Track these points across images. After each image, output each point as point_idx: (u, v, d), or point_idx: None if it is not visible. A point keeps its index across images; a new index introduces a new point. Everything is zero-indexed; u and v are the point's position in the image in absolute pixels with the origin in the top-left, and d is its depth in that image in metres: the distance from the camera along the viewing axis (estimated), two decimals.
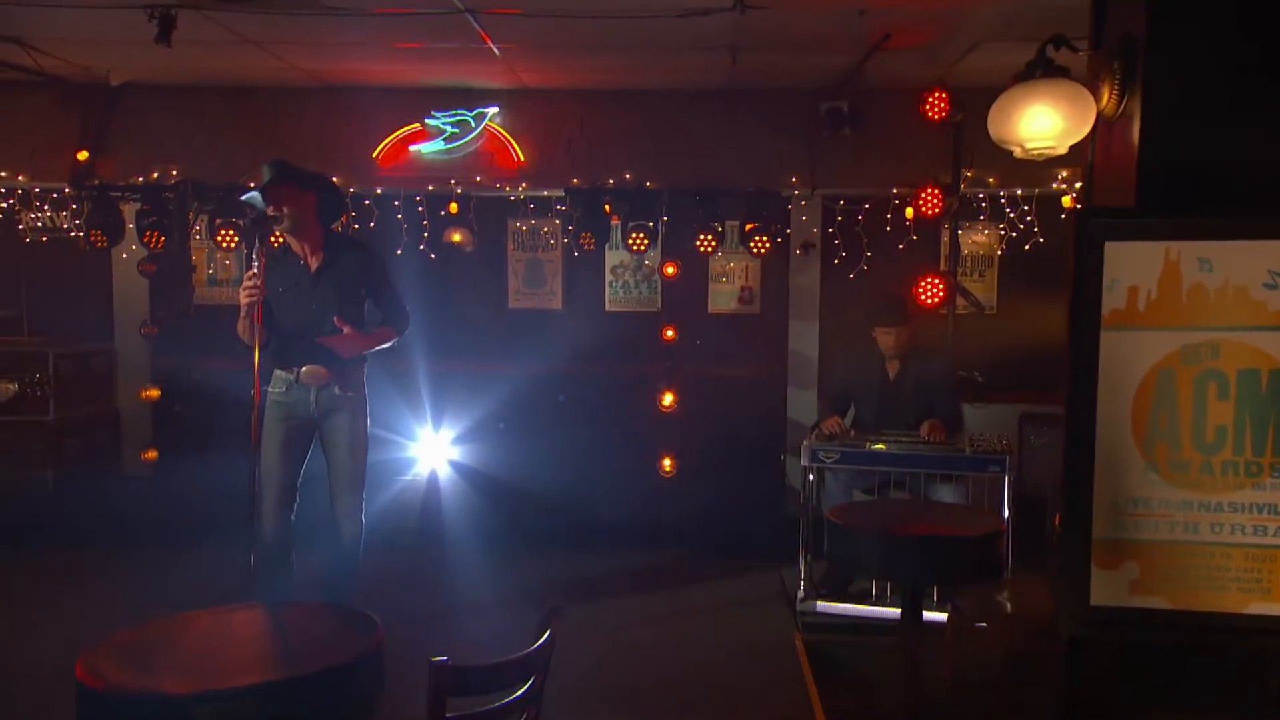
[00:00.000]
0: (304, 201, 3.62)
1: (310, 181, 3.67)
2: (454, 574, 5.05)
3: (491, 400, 6.05)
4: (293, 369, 3.69)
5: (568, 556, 5.35)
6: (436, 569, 5.10)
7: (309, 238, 3.69)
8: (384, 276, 3.88)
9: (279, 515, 3.68)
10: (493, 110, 6.05)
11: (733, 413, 6.31)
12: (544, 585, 4.93)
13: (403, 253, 6.02)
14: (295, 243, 3.69)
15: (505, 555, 5.32)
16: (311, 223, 3.67)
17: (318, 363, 3.67)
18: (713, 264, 6.34)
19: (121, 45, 5.13)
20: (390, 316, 3.88)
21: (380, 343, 3.83)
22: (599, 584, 5.01)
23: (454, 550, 5.33)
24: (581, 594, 4.82)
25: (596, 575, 5.12)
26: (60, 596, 4.66)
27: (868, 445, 4.33)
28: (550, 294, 6.43)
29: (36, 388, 4.89)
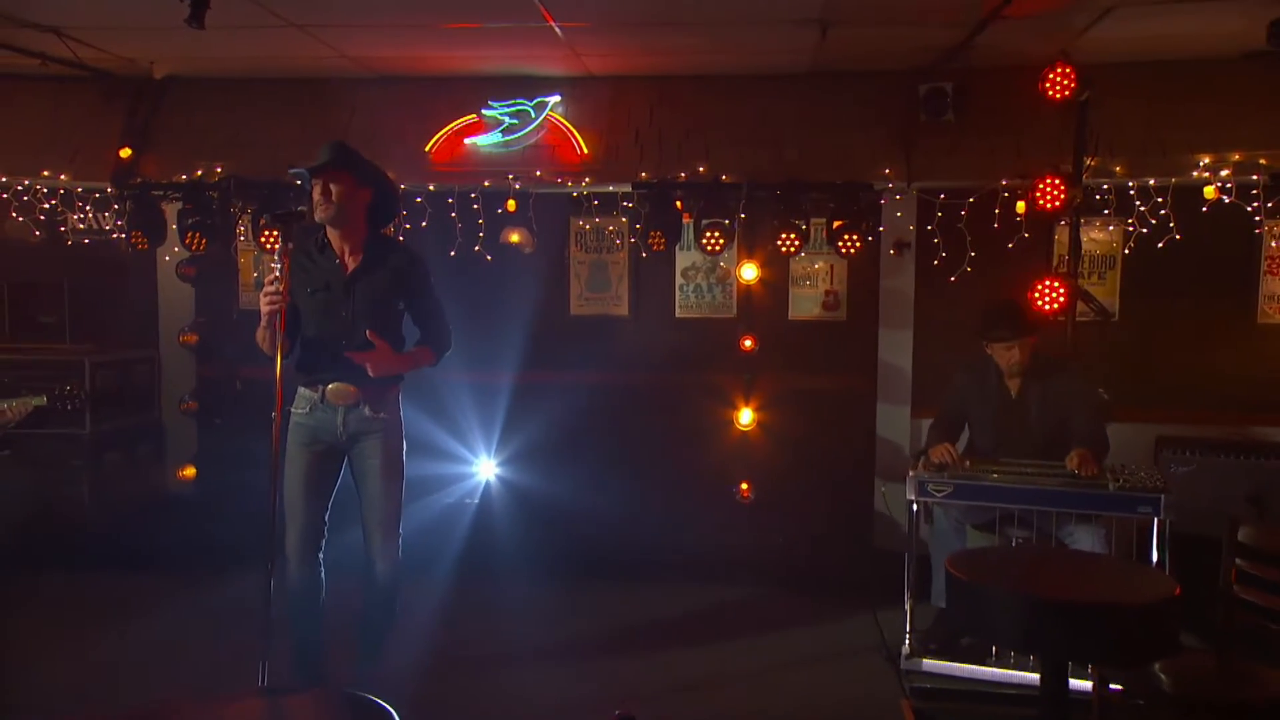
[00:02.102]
0: (358, 195, 3.17)
1: (370, 176, 3.22)
2: (504, 610, 4.58)
3: (550, 413, 5.55)
4: (317, 386, 3.23)
5: (632, 591, 4.83)
6: (485, 603, 4.63)
7: (352, 236, 3.23)
8: (427, 287, 3.41)
9: (304, 558, 3.23)
10: (554, 99, 5.56)
11: (815, 430, 5.71)
12: (604, 627, 4.41)
13: (457, 254, 5.56)
14: (335, 238, 3.23)
15: (561, 587, 4.83)
16: (359, 221, 3.22)
17: (346, 379, 3.20)
18: (794, 265, 5.75)
19: (159, 32, 4.78)
20: (430, 335, 3.41)
21: (416, 365, 3.36)
22: (666, 625, 4.47)
23: (505, 581, 4.86)
24: (646, 637, 4.30)
25: (663, 615, 4.58)
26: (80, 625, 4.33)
27: (988, 477, 3.69)
28: (615, 299, 5.91)
29: (67, 400, 4.53)
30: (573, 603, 4.68)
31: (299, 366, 3.25)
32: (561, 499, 5.30)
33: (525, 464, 5.56)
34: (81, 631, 4.27)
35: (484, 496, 5.38)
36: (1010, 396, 4.13)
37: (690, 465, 5.64)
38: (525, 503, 5.34)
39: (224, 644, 3.87)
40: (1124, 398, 4.91)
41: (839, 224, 5.15)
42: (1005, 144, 5.08)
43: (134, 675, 3.82)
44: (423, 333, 3.41)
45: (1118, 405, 4.77)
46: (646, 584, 4.89)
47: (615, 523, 5.14)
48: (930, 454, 3.90)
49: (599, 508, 5.21)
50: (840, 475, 5.63)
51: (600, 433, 5.64)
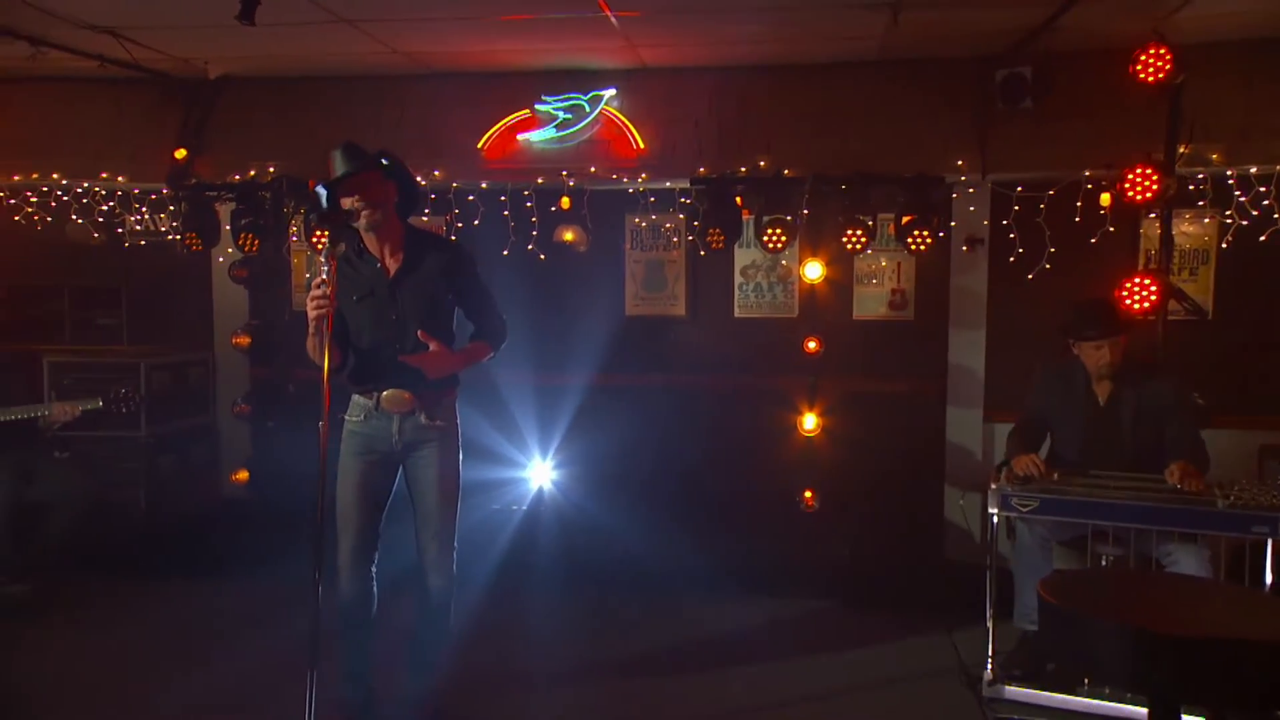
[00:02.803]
0: (385, 192, 3.04)
1: (392, 169, 3.07)
2: (559, 622, 4.41)
3: (604, 417, 5.38)
4: (371, 393, 3.10)
5: (690, 603, 4.63)
6: (540, 614, 4.48)
7: (389, 236, 3.09)
8: (475, 279, 3.25)
9: (356, 569, 3.10)
10: (609, 92, 5.39)
11: (882, 435, 5.45)
12: (658, 641, 4.22)
13: (510, 253, 5.43)
14: (373, 242, 3.10)
15: (613, 598, 4.65)
16: (392, 218, 3.08)
17: (400, 385, 3.06)
18: (859, 263, 5.49)
19: (212, 31, 4.73)
20: (484, 328, 3.25)
21: (473, 360, 3.21)
22: (724, 641, 4.26)
23: (555, 591, 4.70)
24: (702, 653, 4.10)
25: (721, 630, 4.37)
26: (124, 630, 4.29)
27: (1079, 491, 3.42)
28: (672, 299, 5.72)
29: (121, 403, 4.51)
30: (625, 615, 4.50)
31: (353, 377, 3.12)
32: (615, 506, 5.12)
33: (578, 469, 5.40)
34: (125, 636, 4.22)
35: (535, 503, 5.23)
36: (1099, 402, 3.84)
37: (751, 472, 5.42)
38: (578, 510, 5.19)
39: (272, 652, 3.78)
40: (1221, 403, 4.57)
41: (908, 219, 4.89)
42: (1089, 132, 4.75)
43: (178, 682, 3.76)
44: (476, 326, 3.26)
45: (1214, 411, 4.44)
46: (703, 596, 4.69)
47: (671, 532, 4.95)
48: (1014, 465, 3.63)
49: (654, 516, 5.03)
50: (909, 483, 5.36)
51: (656, 438, 5.45)
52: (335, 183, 2.96)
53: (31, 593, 4.39)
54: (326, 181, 2.97)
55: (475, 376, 3.50)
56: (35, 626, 4.27)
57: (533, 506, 5.23)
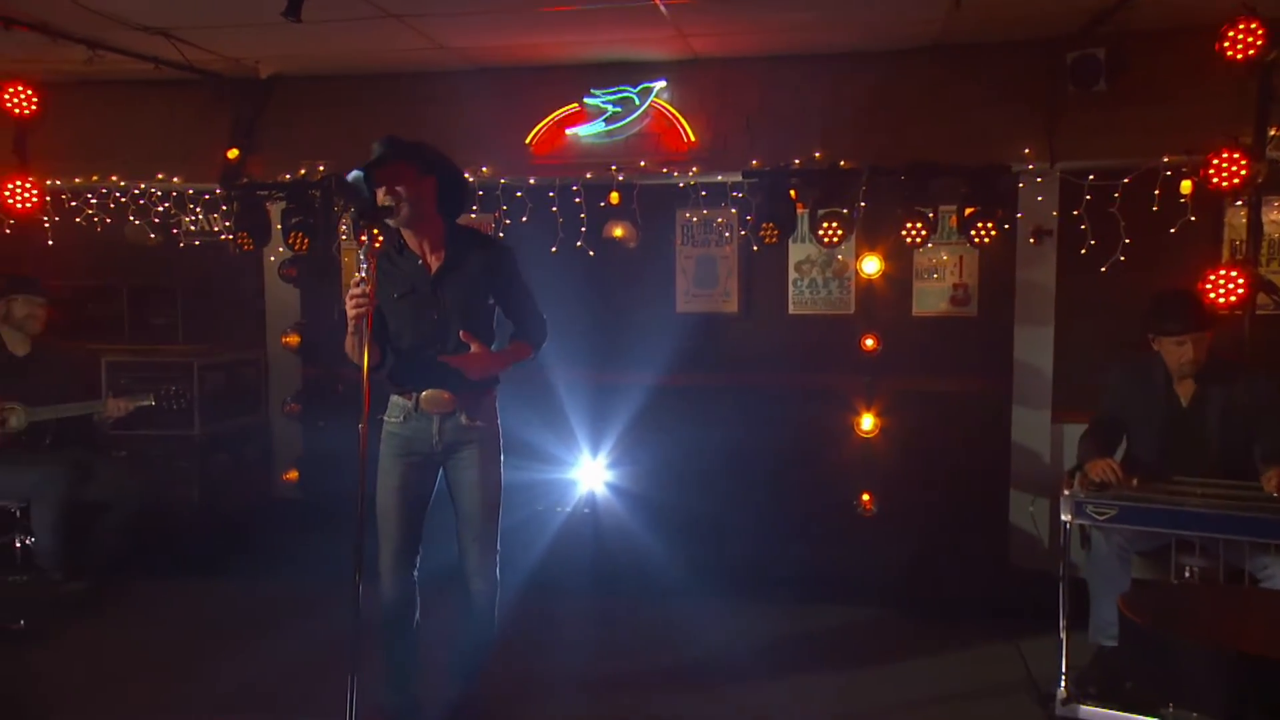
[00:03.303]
0: (424, 187, 2.96)
1: (433, 164, 2.99)
2: (607, 626, 4.30)
3: (654, 417, 5.26)
4: (410, 394, 3.03)
5: (743, 609, 4.49)
6: (587, 620, 4.38)
7: (429, 232, 3.01)
8: (517, 278, 3.16)
9: (398, 573, 3.04)
10: (659, 84, 5.26)
11: (944, 436, 5.23)
12: (709, 648, 4.09)
13: (558, 250, 5.34)
14: (413, 238, 3.02)
15: (667, 603, 4.53)
16: (432, 214, 3.00)
17: (440, 386, 2.99)
18: (919, 257, 5.28)
19: (261, 29, 4.73)
20: (525, 328, 3.16)
21: (514, 361, 3.13)
22: (778, 650, 4.10)
23: (608, 593, 4.59)
24: (756, 662, 3.95)
25: (775, 638, 4.22)
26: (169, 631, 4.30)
27: (1163, 499, 3.19)
28: (724, 295, 5.57)
29: (173, 401, 4.53)
30: (675, 620, 4.38)
31: (392, 377, 3.06)
32: (665, 508, 5.01)
33: (627, 470, 5.28)
34: (173, 634, 4.24)
35: (582, 504, 5.13)
36: (1180, 403, 3.60)
37: (806, 474, 5.25)
38: (626, 511, 5.07)
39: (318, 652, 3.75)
40: None
41: (971, 211, 4.67)
42: (1168, 115, 4.48)
43: (224, 680, 3.75)
44: (516, 326, 3.18)
45: None
46: (756, 602, 4.54)
47: (722, 535, 4.82)
48: (1089, 470, 3.41)
49: (704, 519, 4.90)
50: (972, 486, 5.14)
51: (707, 438, 5.30)
52: (367, 168, 2.88)
53: (87, 590, 4.43)
54: (360, 166, 2.91)
55: (523, 374, 3.41)
56: (90, 623, 4.31)
57: (581, 507, 5.13)
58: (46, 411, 4.42)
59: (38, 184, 5.39)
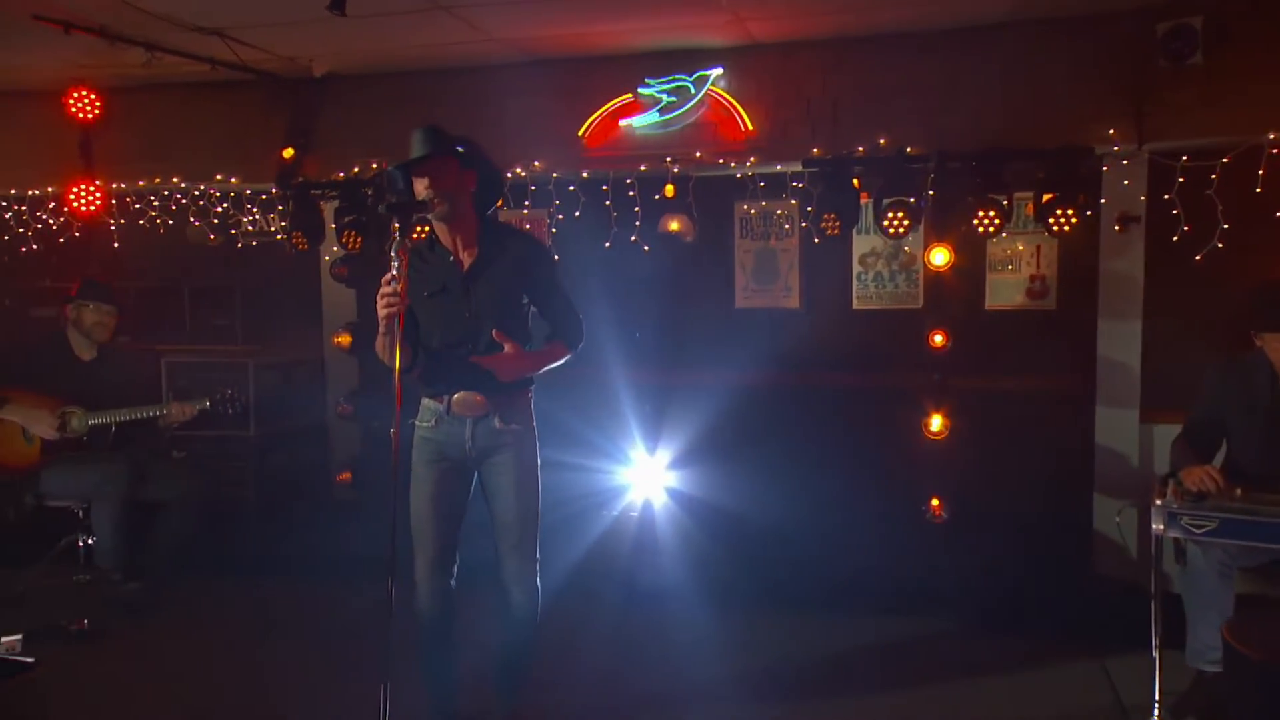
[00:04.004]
0: (463, 182, 2.84)
1: (470, 157, 2.87)
2: (649, 639, 4.14)
3: (712, 417, 5.07)
4: (442, 397, 2.91)
5: (801, 622, 4.28)
6: (643, 631, 4.22)
7: (463, 228, 2.89)
8: (554, 275, 3.03)
9: (435, 583, 2.93)
10: (715, 72, 5.07)
11: (1020, 438, 4.93)
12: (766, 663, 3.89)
13: (612, 245, 5.20)
14: (445, 233, 2.91)
15: (727, 613, 4.35)
16: (468, 209, 2.88)
17: (472, 388, 2.86)
18: (992, 248, 4.98)
19: (311, 26, 4.69)
20: (561, 327, 3.01)
21: (550, 362, 2.98)
22: (841, 664, 3.89)
23: (664, 605, 4.43)
24: (817, 678, 3.75)
25: (838, 652, 4.00)
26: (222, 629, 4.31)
27: (1272, 512, 2.88)
28: (785, 290, 5.35)
29: (226, 403, 4.53)
30: (730, 633, 4.19)
31: (422, 378, 2.95)
32: (723, 513, 4.83)
33: (684, 471, 5.12)
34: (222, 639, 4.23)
35: (636, 506, 4.99)
36: None
37: (872, 478, 5.00)
38: (682, 517, 4.91)
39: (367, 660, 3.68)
40: None
41: (1050, 197, 4.37)
42: (1273, 89, 4.11)
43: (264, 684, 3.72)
44: (552, 326, 3.03)
45: None
46: (819, 614, 4.33)
47: (783, 541, 4.62)
48: (1184, 478, 3.10)
49: (764, 524, 4.70)
50: (1051, 491, 4.83)
51: (767, 439, 5.09)
52: (407, 166, 2.78)
53: (145, 591, 4.45)
54: (399, 163, 2.80)
55: (576, 374, 3.28)
56: (148, 624, 4.33)
57: (635, 510, 4.98)
58: (106, 415, 4.46)
59: (102, 187, 5.48)
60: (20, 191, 6.03)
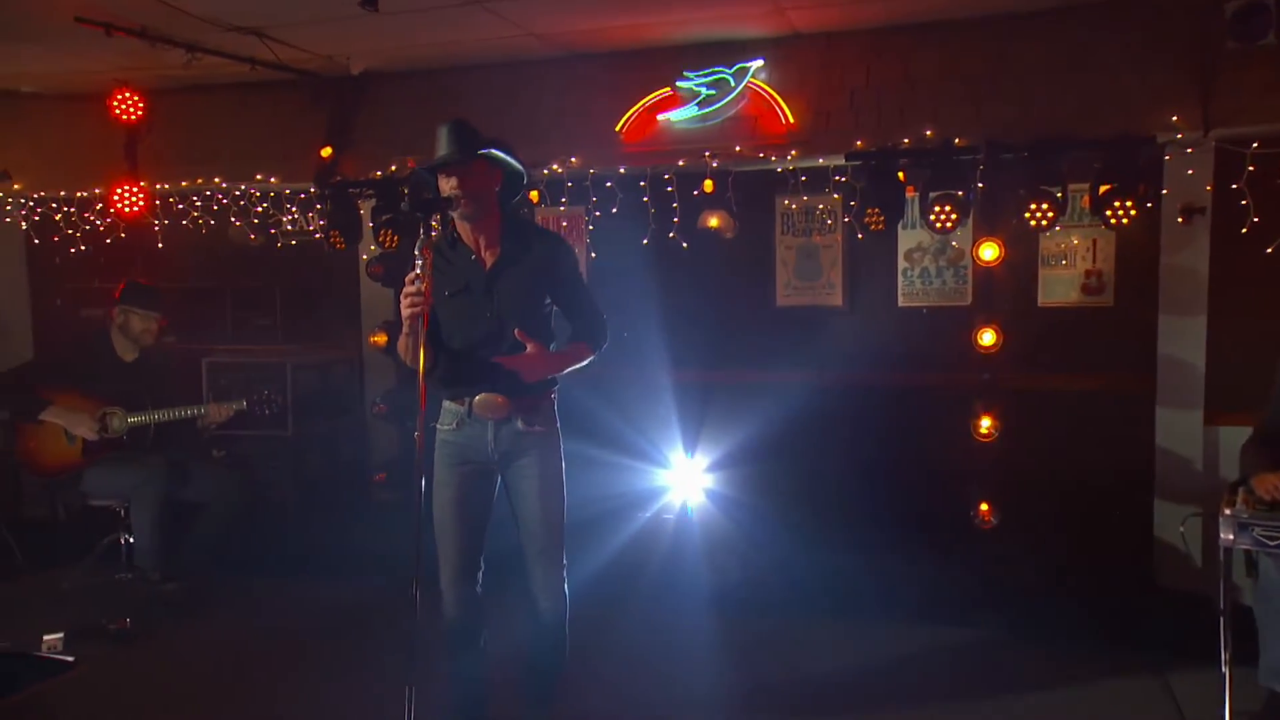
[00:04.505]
0: (490, 180, 2.78)
1: (499, 157, 2.80)
2: (699, 644, 4.02)
3: (752, 418, 4.94)
4: (463, 399, 2.83)
5: (844, 630, 4.14)
6: (679, 637, 4.11)
7: (487, 226, 2.82)
8: (576, 274, 2.96)
9: (460, 590, 2.86)
10: (756, 64, 4.94)
11: (1075, 440, 4.73)
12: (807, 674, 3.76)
13: (650, 242, 5.10)
14: (468, 231, 2.83)
15: (766, 619, 4.23)
16: (492, 206, 2.81)
17: (494, 389, 2.78)
18: (1045, 242, 4.79)
19: (347, 24, 4.68)
20: (584, 328, 2.92)
21: (573, 363, 2.89)
22: (886, 676, 3.74)
23: (701, 610, 4.30)
24: (860, 690, 3.61)
25: (882, 662, 3.85)
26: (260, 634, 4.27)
27: None
28: (828, 287, 5.21)
29: (263, 404, 4.53)
30: (769, 640, 4.07)
31: (442, 380, 2.88)
32: (762, 516, 4.70)
33: (723, 474, 5.01)
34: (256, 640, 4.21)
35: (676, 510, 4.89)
36: None
37: (917, 480, 4.84)
38: (720, 519, 4.80)
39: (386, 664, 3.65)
40: None
41: (1107, 188, 4.17)
42: None
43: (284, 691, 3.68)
44: (575, 326, 2.95)
45: None
46: (863, 622, 4.19)
47: (825, 546, 4.48)
48: (1256, 485, 2.91)
49: (805, 528, 4.56)
50: (1108, 496, 4.62)
51: (809, 440, 4.96)
52: (434, 167, 2.71)
53: (183, 590, 4.46)
54: (428, 164, 2.73)
55: (614, 373, 3.20)
56: (185, 624, 4.34)
57: (672, 512, 4.88)
58: (146, 415, 4.49)
59: (144, 188, 5.53)
60: (69, 193, 6.12)
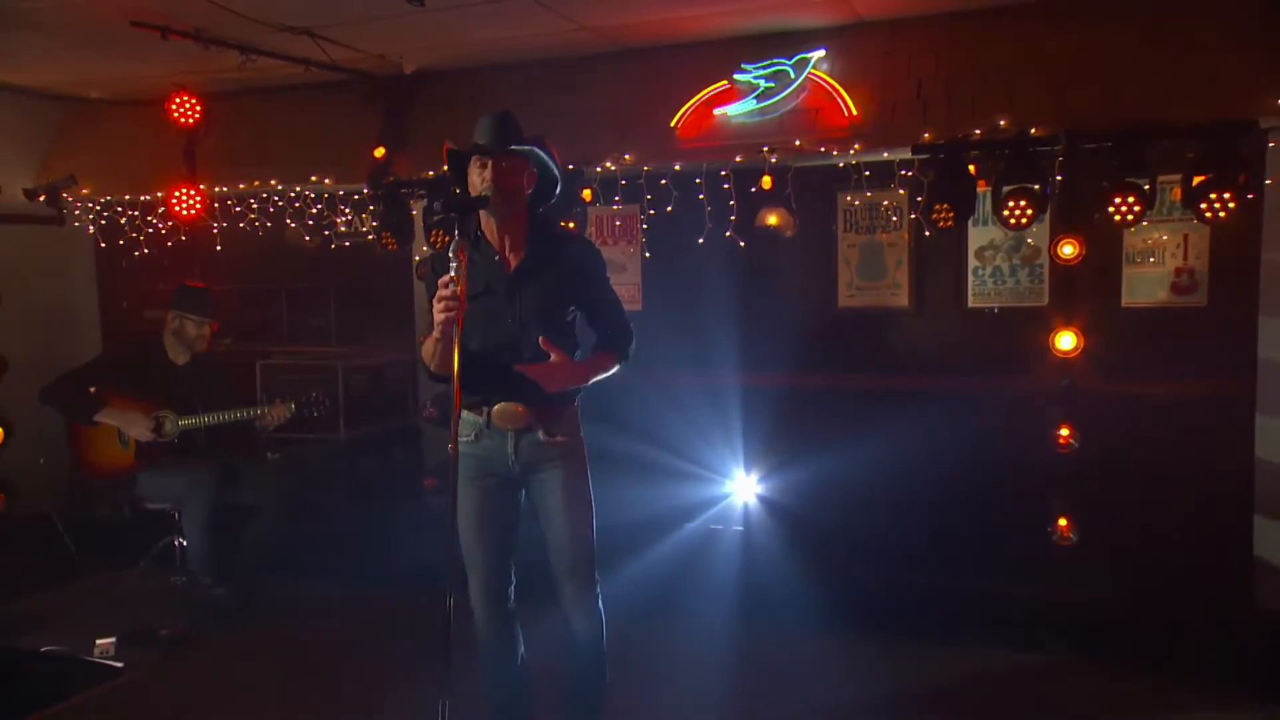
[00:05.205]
0: (525, 178, 2.66)
1: (537, 155, 2.68)
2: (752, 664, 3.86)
3: (814, 424, 4.74)
4: (481, 408, 2.69)
5: (911, 649, 3.93)
6: (732, 654, 3.93)
7: (514, 227, 2.70)
8: (604, 280, 2.82)
9: (490, 608, 2.75)
10: (817, 54, 4.72)
11: (1164, 451, 4.41)
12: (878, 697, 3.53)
13: (705, 241, 4.93)
14: (494, 231, 2.71)
15: (823, 637, 4.03)
16: (522, 207, 2.70)
17: (514, 398, 2.64)
18: (1130, 238, 4.48)
19: (397, 21, 4.62)
20: (609, 336, 2.79)
21: (598, 373, 2.75)
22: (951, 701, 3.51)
23: (755, 626, 4.13)
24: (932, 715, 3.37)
25: (953, 683, 3.65)
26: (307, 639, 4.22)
27: None
28: (893, 287, 4.96)
29: (312, 407, 4.49)
30: (826, 660, 3.87)
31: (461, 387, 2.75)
32: (820, 527, 4.50)
33: (781, 485, 4.81)
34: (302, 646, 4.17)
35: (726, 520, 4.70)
36: None
37: (989, 493, 4.56)
38: (775, 530, 4.60)
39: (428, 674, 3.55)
40: None
41: (1202, 179, 3.85)
42: None
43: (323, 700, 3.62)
44: (600, 335, 2.81)
45: None
46: (928, 642, 3.96)
47: (886, 561, 4.25)
48: None
49: (866, 541, 4.35)
50: (1201, 511, 4.29)
51: (870, 449, 4.71)
52: (470, 153, 2.59)
53: (235, 595, 4.45)
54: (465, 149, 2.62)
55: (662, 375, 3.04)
56: (235, 629, 4.32)
57: (726, 522, 4.69)
58: (198, 418, 4.49)
59: (201, 191, 5.56)
60: (133, 196, 6.21)
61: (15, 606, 4.55)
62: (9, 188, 5.41)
